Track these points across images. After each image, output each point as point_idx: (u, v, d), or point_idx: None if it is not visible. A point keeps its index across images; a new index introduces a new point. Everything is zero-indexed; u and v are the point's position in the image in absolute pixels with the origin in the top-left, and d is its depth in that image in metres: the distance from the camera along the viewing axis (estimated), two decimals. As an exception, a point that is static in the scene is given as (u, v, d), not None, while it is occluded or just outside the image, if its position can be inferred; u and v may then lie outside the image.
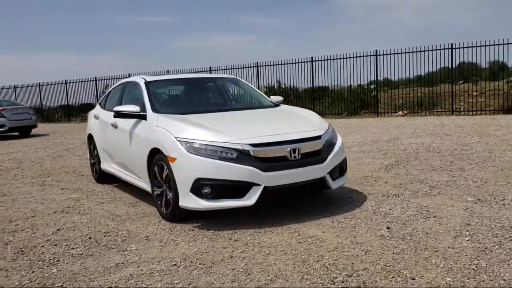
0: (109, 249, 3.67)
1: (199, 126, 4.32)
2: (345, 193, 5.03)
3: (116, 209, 5.03)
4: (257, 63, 18.91)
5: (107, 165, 6.20)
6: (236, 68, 19.47)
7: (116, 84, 6.62)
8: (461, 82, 16.28)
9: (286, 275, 2.95)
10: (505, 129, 9.98)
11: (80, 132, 16.75)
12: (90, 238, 3.99)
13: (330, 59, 17.13)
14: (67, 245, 3.83)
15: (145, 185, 4.90)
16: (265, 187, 3.96)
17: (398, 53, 15.70)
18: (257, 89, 6.13)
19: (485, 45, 14.26)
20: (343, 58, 16.81)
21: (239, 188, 3.97)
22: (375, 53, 16.11)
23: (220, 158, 3.97)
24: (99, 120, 6.42)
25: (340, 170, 4.55)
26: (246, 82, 6.31)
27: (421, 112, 15.62)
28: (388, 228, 3.77)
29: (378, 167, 6.41)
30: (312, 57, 17.50)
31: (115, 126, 5.60)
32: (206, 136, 4.12)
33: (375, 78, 16.48)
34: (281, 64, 18.34)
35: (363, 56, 16.36)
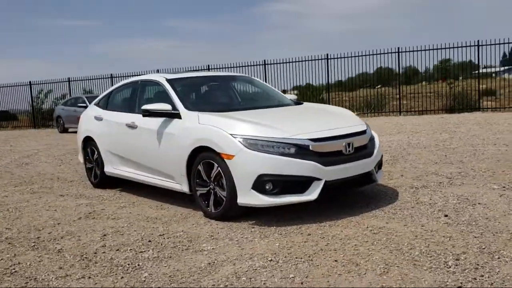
0: (182, 250, 3.53)
1: (251, 122, 4.27)
2: (373, 187, 5.09)
3: (146, 212, 4.79)
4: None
5: (113, 168, 5.89)
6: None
7: (121, 84, 6.28)
8: (379, 86, 18.54)
9: (396, 264, 3.00)
10: (463, 126, 10.88)
11: (23, 139, 16.22)
12: (149, 241, 3.80)
13: (282, 63, 18.11)
14: (132, 249, 3.62)
15: (178, 186, 4.75)
16: (325, 181, 4.01)
17: (348, 57, 17.20)
18: (272, 87, 6.18)
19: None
20: (295, 62, 17.81)
21: (300, 183, 4.00)
22: (326, 57, 17.40)
23: (281, 154, 3.97)
24: (104, 121, 6.05)
25: (379, 164, 4.71)
26: (261, 81, 6.33)
27: (370, 113, 17.00)
28: (446, 215, 3.94)
29: None
30: (264, 60, 18.24)
31: (132, 126, 5.36)
32: (263, 132, 4.10)
33: (327, 81, 17.63)
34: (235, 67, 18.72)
35: (315, 59, 17.56)
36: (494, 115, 14.10)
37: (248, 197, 4.02)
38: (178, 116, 4.76)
